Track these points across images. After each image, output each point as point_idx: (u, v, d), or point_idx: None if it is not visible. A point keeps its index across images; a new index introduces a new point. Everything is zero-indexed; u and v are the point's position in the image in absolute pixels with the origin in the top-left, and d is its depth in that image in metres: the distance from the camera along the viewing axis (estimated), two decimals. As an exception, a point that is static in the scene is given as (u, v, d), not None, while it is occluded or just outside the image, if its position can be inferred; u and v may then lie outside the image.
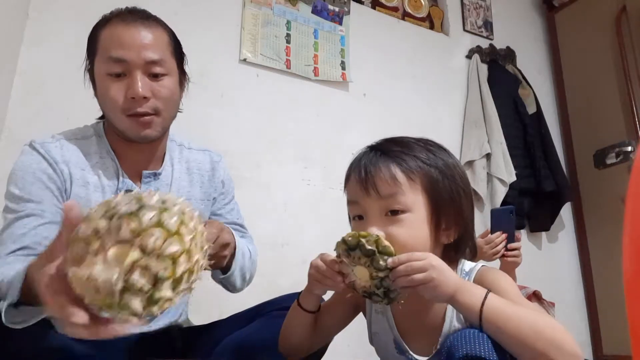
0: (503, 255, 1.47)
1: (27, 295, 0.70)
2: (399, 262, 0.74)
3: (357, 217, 0.85)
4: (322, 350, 1.02)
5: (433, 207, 0.82)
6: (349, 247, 0.77)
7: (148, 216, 0.54)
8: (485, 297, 0.73)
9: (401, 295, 0.78)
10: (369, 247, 0.75)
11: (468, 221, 0.86)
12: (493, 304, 0.73)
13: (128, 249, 0.53)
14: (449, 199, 0.83)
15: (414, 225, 0.80)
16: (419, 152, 0.84)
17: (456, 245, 0.86)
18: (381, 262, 0.75)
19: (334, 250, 0.81)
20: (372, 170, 0.82)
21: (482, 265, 0.87)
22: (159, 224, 0.55)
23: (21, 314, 0.73)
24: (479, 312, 0.72)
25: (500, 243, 1.46)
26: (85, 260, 0.53)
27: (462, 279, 0.79)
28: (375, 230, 0.79)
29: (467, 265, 0.87)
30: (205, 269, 0.61)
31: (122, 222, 0.53)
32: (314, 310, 0.90)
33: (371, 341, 0.96)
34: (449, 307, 0.83)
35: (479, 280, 0.83)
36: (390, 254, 0.75)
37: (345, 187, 0.90)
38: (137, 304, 0.53)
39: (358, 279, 0.78)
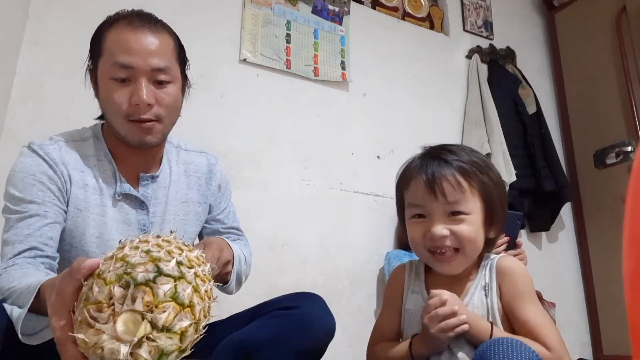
0: None
1: (37, 308, 0.72)
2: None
3: (417, 216, 0.98)
4: (321, 351, 1.02)
5: (487, 209, 0.96)
6: None
7: (164, 289, 0.56)
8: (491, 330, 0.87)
9: None
10: None
11: (505, 218, 1.01)
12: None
13: (139, 320, 0.54)
14: (498, 201, 0.97)
15: (474, 224, 0.94)
16: (467, 156, 0.98)
17: (493, 240, 1.00)
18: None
19: None
20: (439, 176, 0.94)
21: (501, 256, 1.00)
22: (174, 297, 0.56)
23: (32, 323, 0.74)
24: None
25: (502, 245, 1.48)
26: (94, 326, 0.54)
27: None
28: (440, 231, 0.93)
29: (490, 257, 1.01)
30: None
31: (137, 293, 0.55)
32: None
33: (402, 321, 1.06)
34: (472, 287, 0.97)
35: (499, 272, 0.96)
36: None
37: (404, 188, 1.01)
38: None
39: None
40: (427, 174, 0.95)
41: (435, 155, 0.98)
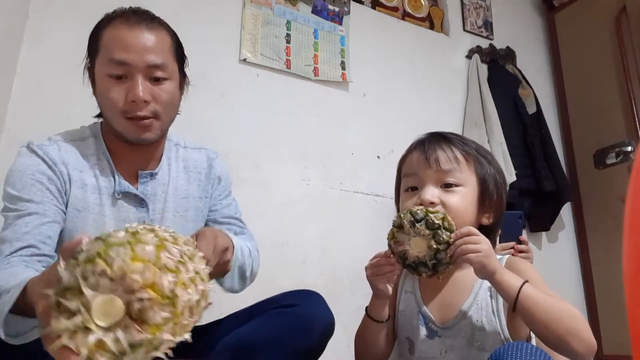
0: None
1: (22, 307, 0.70)
2: (460, 235, 0.84)
3: (411, 189, 0.96)
4: (321, 349, 1.02)
5: (481, 188, 0.95)
6: (416, 219, 0.85)
7: (159, 315, 0.53)
8: (524, 283, 0.82)
9: (446, 269, 0.87)
10: (436, 222, 0.84)
11: (503, 211, 0.99)
12: (529, 290, 0.82)
13: (117, 305, 0.51)
14: (494, 186, 0.96)
15: (466, 198, 0.92)
16: (472, 144, 0.99)
17: (488, 231, 0.96)
18: (443, 237, 0.84)
19: (394, 220, 0.89)
20: (436, 147, 0.95)
21: (509, 256, 0.97)
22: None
23: (16, 324, 0.73)
24: (517, 294, 0.81)
25: (508, 249, 1.49)
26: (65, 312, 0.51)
27: (502, 266, 0.87)
28: (430, 196, 0.90)
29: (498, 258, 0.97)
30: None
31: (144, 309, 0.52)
32: (385, 319, 0.98)
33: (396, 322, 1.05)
34: (476, 286, 0.93)
35: (508, 268, 0.90)
36: (452, 231, 0.84)
37: (401, 163, 1.03)
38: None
39: (411, 249, 0.87)
40: (424, 145, 0.97)
41: (438, 133, 1.01)
